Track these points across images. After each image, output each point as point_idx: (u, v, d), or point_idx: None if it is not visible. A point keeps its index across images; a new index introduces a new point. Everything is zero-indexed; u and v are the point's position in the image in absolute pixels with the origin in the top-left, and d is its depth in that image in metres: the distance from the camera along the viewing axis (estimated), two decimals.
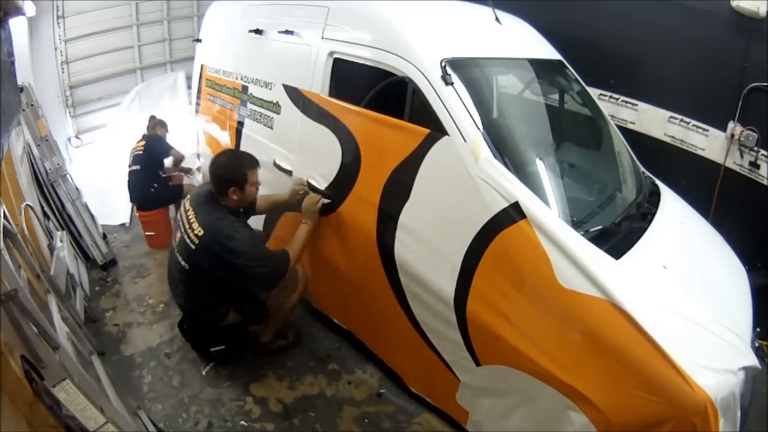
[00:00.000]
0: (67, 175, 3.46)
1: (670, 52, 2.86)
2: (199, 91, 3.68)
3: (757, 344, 2.07)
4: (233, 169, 2.17)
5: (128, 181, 3.64)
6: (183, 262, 2.17)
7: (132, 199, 3.70)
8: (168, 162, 3.97)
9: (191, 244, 2.10)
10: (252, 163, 2.23)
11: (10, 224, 1.88)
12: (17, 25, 4.01)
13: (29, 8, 3.98)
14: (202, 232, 2.08)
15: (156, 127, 3.94)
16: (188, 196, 2.33)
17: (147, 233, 3.73)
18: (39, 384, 1.04)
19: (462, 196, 1.77)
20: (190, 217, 2.17)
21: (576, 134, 2.57)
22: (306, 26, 2.45)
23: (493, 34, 2.36)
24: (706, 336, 1.56)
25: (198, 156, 3.93)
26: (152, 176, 3.64)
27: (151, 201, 3.60)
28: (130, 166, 3.65)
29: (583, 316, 1.54)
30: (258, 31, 2.80)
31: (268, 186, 2.75)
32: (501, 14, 2.40)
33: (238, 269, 2.09)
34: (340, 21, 2.29)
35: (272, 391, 2.38)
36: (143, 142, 3.70)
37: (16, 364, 1.01)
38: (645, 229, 1.95)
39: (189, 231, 2.13)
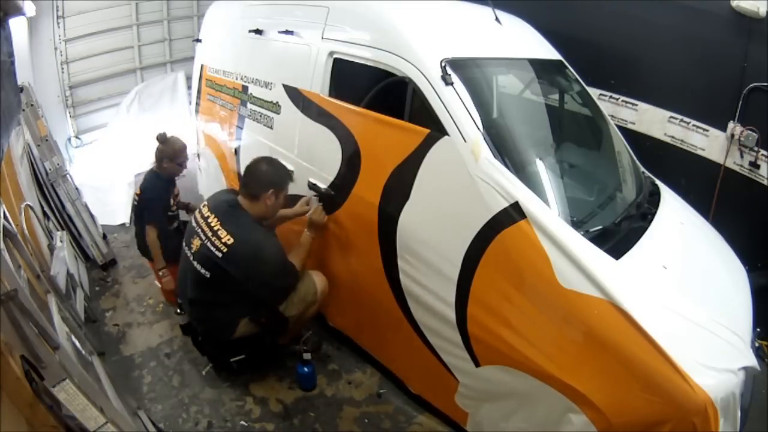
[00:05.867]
0: (67, 175, 3.45)
1: (670, 52, 2.85)
2: (199, 91, 3.68)
3: (757, 344, 2.07)
4: (277, 173, 2.21)
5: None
6: (203, 271, 2.10)
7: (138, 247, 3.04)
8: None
9: (217, 252, 2.05)
10: (291, 176, 2.28)
11: (10, 224, 1.88)
12: (17, 25, 4.01)
13: (29, 8, 3.98)
14: (231, 240, 2.04)
15: (163, 161, 2.81)
16: (204, 203, 2.27)
17: (159, 285, 3.05)
18: (39, 384, 1.04)
19: (462, 196, 1.77)
20: (212, 224, 2.11)
21: (576, 134, 2.56)
22: (306, 26, 2.45)
23: (493, 34, 2.35)
24: (706, 336, 1.56)
25: (198, 156, 3.93)
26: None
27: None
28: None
29: (583, 316, 1.54)
30: (258, 31, 2.79)
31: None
32: (501, 14, 2.39)
33: (262, 279, 2.09)
34: (340, 21, 2.29)
35: (272, 391, 2.38)
36: (139, 192, 2.85)
37: (16, 364, 1.01)
38: (645, 229, 1.95)
39: (214, 239, 2.07)
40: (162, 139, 2.83)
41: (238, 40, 3.06)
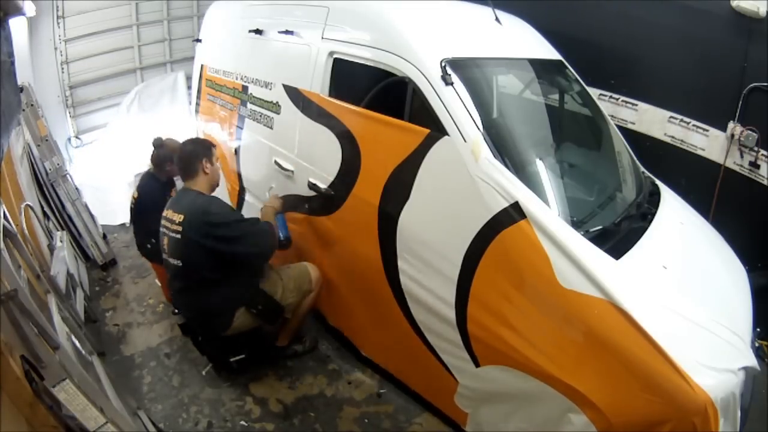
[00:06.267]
0: (67, 175, 3.46)
1: (670, 52, 2.85)
2: (199, 91, 3.68)
3: (757, 344, 2.07)
4: (200, 144, 2.32)
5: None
6: (176, 262, 2.14)
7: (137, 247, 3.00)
8: None
9: (177, 236, 2.10)
10: (211, 143, 2.40)
11: (10, 224, 1.88)
12: (17, 25, 4.01)
13: (29, 8, 3.98)
14: (182, 217, 2.09)
15: (165, 165, 2.79)
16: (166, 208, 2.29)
17: (160, 283, 3.13)
18: (39, 384, 1.04)
19: (462, 196, 1.77)
20: (169, 215, 2.17)
21: (576, 134, 2.56)
22: (306, 26, 2.45)
23: (493, 34, 2.35)
24: (706, 336, 1.56)
25: None
26: (150, 231, 2.60)
27: (153, 253, 2.74)
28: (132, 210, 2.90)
29: (583, 316, 1.54)
30: (258, 31, 2.79)
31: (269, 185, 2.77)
32: (501, 14, 2.39)
33: (224, 241, 2.08)
34: (340, 21, 2.29)
35: (272, 391, 2.38)
36: (137, 195, 2.79)
37: (16, 364, 1.01)
38: (645, 230, 1.95)
39: (172, 226, 2.13)
40: (158, 143, 2.83)
41: (238, 40, 3.05)
